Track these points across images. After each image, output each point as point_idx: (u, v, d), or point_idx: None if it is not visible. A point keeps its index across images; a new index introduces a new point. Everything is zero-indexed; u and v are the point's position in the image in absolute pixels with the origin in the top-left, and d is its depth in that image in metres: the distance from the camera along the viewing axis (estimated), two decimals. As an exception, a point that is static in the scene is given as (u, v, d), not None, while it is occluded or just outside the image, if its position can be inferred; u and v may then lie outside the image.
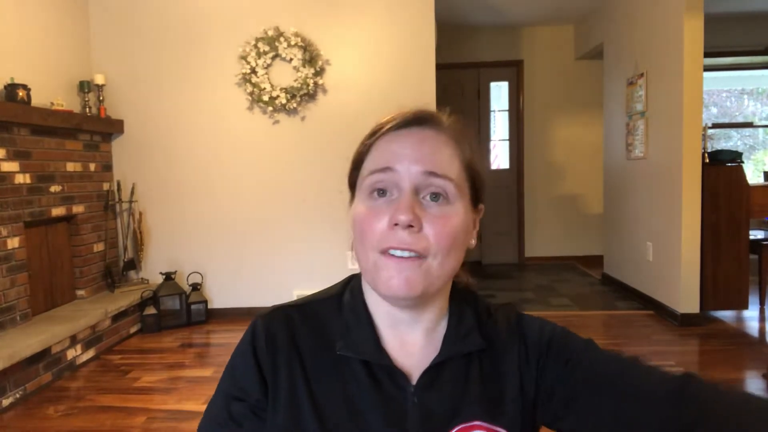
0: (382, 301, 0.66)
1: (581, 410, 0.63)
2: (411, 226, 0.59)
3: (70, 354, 3.00)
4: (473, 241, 0.68)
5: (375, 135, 0.66)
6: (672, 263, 3.63)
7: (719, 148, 4.13)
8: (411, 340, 0.68)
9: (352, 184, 0.69)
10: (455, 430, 0.64)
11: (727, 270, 3.57)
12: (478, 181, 0.67)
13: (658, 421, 0.58)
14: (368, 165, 0.65)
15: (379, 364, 0.65)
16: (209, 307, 3.92)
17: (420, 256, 0.61)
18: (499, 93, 5.99)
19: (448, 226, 0.61)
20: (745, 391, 0.59)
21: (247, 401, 0.66)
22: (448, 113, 0.69)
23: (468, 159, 0.66)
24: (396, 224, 0.60)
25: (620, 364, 0.64)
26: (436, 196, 0.62)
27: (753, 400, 0.56)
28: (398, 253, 0.60)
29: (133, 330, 3.66)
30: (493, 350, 0.68)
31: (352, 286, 0.72)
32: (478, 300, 0.73)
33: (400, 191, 0.62)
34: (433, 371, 0.65)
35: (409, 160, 0.62)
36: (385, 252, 0.61)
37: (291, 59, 3.79)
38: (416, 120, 0.65)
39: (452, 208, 0.62)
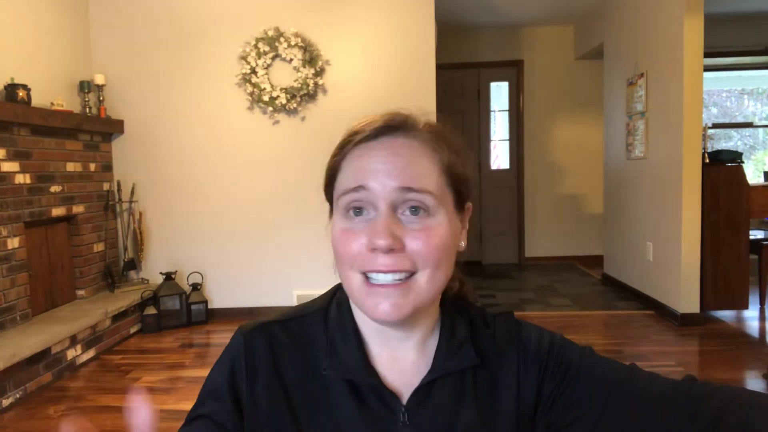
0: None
1: (586, 418, 0.62)
2: (391, 249, 0.57)
3: (70, 354, 3.00)
4: (463, 243, 0.65)
5: (345, 148, 0.62)
6: (672, 263, 3.63)
7: (719, 148, 4.13)
8: (402, 356, 0.65)
9: (330, 199, 0.66)
10: None
11: (727, 270, 3.56)
12: (461, 184, 0.63)
13: (676, 423, 0.58)
14: (341, 182, 0.62)
15: (367, 384, 0.63)
16: (209, 307, 3.92)
17: (408, 276, 0.58)
18: (499, 93, 5.99)
19: (433, 239, 0.58)
20: (746, 389, 0.60)
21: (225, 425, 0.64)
22: (423, 114, 0.64)
23: (447, 163, 0.62)
24: (375, 248, 0.57)
25: (621, 370, 0.64)
26: (415, 210, 0.59)
27: (759, 395, 0.58)
28: (382, 277, 0.58)
29: (133, 330, 3.65)
30: (488, 363, 0.66)
31: (338, 298, 0.68)
32: (471, 308, 0.70)
33: (376, 210, 0.59)
34: (424, 390, 0.63)
35: (382, 176, 0.58)
36: (367, 275, 0.59)
37: (291, 59, 3.79)
38: (387, 128, 0.61)
39: (434, 220, 0.59)
